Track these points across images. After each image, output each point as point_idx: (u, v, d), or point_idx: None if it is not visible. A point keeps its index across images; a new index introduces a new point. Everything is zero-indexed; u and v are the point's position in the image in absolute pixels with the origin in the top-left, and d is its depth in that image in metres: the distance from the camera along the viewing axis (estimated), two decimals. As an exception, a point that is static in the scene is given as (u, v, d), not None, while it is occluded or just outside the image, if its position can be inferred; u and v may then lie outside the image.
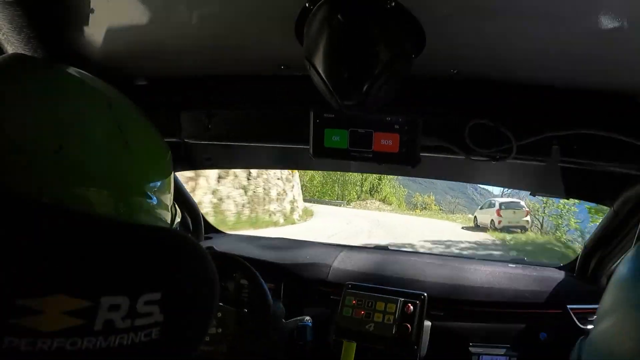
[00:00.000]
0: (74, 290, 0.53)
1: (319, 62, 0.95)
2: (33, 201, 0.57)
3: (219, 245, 2.12)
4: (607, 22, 0.85)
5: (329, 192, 41.76)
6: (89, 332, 0.53)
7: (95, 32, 1.13)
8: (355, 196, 43.62)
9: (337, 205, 35.35)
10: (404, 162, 1.21)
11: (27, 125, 0.58)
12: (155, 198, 0.74)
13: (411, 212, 37.04)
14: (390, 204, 42.77)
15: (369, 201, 42.24)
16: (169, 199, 0.80)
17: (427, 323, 1.67)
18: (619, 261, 1.76)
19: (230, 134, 1.44)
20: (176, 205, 0.86)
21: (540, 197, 18.17)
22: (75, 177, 0.60)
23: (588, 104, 1.18)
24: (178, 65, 1.32)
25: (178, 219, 0.87)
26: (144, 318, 0.58)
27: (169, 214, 0.81)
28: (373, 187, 45.67)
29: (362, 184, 44.73)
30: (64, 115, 0.61)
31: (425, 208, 46.06)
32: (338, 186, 42.93)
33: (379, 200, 43.53)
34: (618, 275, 0.56)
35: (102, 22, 1.09)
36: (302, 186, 24.09)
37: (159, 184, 0.76)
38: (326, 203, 34.67)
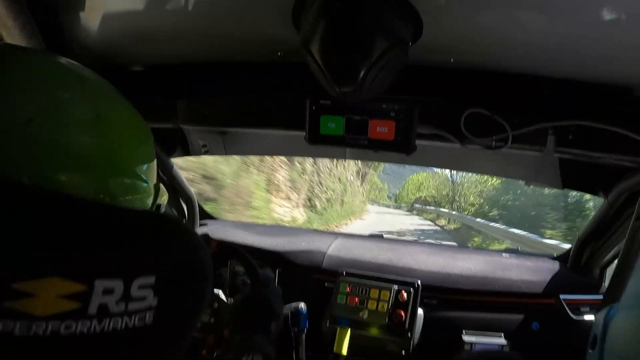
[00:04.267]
0: (68, 274, 0.53)
1: (316, 49, 0.95)
2: (26, 185, 0.57)
3: (214, 232, 2.12)
4: (605, 15, 0.85)
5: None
6: (83, 316, 0.53)
7: (90, 17, 1.13)
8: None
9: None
10: (400, 149, 1.22)
11: None
12: (139, 181, 0.75)
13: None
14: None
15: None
16: (152, 181, 0.81)
17: (421, 311, 1.68)
18: (612, 253, 1.77)
19: (226, 120, 1.44)
20: (162, 187, 0.86)
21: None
22: (52, 154, 0.60)
23: (584, 95, 1.18)
24: (174, 51, 1.31)
25: (163, 200, 0.88)
26: (138, 302, 0.58)
27: (151, 197, 0.81)
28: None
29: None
30: (32, 91, 0.61)
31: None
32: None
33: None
34: None
35: (98, 8, 1.09)
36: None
37: (143, 167, 0.76)
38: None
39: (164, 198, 0.88)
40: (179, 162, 2.03)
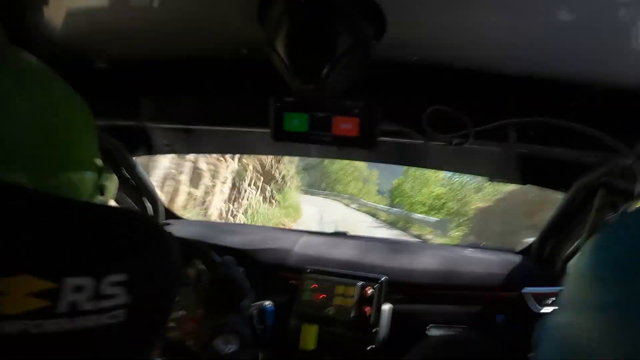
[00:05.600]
0: (38, 271, 0.52)
1: (280, 46, 0.95)
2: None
3: (178, 231, 2.09)
4: (565, 15, 0.87)
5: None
6: (52, 314, 0.53)
7: (54, 13, 1.11)
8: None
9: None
10: (363, 145, 1.22)
11: None
12: (83, 171, 0.74)
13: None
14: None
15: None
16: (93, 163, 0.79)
17: (387, 306, 1.69)
18: (574, 246, 1.81)
19: (190, 117, 1.42)
20: (114, 176, 0.85)
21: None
22: None
23: (544, 92, 1.21)
24: (138, 48, 1.29)
25: (111, 185, 0.86)
26: (110, 299, 0.57)
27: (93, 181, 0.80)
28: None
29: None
30: None
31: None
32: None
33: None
34: (576, 268, 0.56)
35: (63, 3, 1.06)
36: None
37: (87, 153, 0.75)
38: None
39: (112, 183, 0.86)
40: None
